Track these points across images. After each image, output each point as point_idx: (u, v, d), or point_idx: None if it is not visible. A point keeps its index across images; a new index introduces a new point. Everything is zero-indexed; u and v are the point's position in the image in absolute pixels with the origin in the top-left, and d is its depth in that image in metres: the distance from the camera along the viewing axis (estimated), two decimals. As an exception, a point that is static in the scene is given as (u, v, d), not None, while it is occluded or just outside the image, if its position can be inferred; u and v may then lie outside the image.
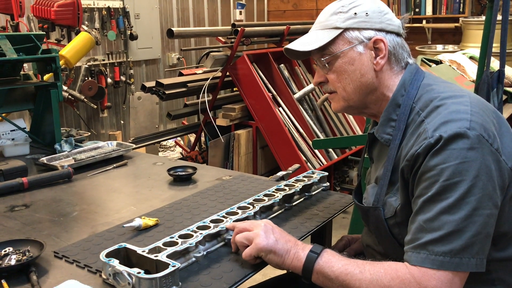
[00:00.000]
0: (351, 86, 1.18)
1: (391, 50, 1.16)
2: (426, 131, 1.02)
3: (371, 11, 1.15)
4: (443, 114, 1.03)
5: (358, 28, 1.15)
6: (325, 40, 1.16)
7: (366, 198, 1.25)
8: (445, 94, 1.09)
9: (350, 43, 1.16)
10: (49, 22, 3.32)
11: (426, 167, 1.00)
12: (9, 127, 2.20)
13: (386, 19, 1.16)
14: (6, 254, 1.16)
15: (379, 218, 1.15)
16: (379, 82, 1.17)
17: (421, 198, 1.00)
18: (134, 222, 1.31)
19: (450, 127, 0.99)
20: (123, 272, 1.01)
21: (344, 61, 1.17)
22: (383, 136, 1.17)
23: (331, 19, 1.17)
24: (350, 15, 1.15)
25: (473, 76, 3.45)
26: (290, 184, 1.55)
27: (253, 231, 1.14)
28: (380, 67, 1.16)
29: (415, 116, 1.11)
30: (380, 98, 1.19)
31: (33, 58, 2.13)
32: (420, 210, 1.00)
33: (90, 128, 4.47)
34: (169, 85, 3.50)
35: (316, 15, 6.36)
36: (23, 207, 1.52)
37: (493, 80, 2.07)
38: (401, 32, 1.19)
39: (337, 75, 1.19)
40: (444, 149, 0.98)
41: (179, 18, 5.35)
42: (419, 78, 1.17)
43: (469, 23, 4.73)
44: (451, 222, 0.95)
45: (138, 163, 2.00)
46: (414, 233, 1.00)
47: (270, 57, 3.84)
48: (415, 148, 1.03)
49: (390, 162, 1.13)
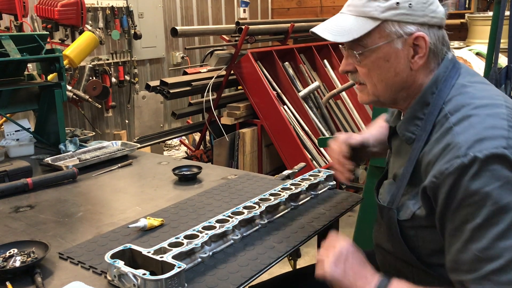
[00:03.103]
0: (383, 83, 1.09)
1: (432, 47, 1.05)
2: (458, 147, 0.94)
3: (415, 2, 1.02)
4: (477, 129, 0.94)
5: (399, 22, 1.03)
6: (360, 32, 1.04)
7: (382, 194, 1.20)
8: (479, 102, 1.00)
9: (387, 37, 1.04)
10: (52, 22, 3.31)
11: (467, 192, 0.91)
12: (14, 127, 2.19)
13: (430, 11, 1.04)
14: (11, 255, 1.15)
15: (392, 219, 1.11)
16: (413, 80, 1.08)
17: (468, 225, 0.92)
18: (139, 223, 1.30)
19: (485, 146, 0.91)
20: (128, 274, 1.00)
21: (379, 56, 1.06)
22: (405, 134, 1.10)
23: (369, 6, 1.04)
24: (392, 4, 1.02)
25: (479, 72, 3.42)
26: (296, 183, 1.53)
27: (331, 251, 1.09)
28: (418, 66, 1.06)
29: (442, 119, 1.02)
30: (411, 95, 1.10)
31: (37, 58, 2.12)
32: (471, 239, 0.92)
33: (95, 127, 4.47)
34: (173, 84, 3.49)
35: (320, 12, 6.36)
36: (28, 208, 1.52)
37: (501, 77, 2.04)
38: (443, 24, 1.08)
39: (368, 69, 1.09)
40: (483, 171, 0.90)
41: (183, 17, 5.34)
42: (454, 75, 1.07)
43: (475, 19, 4.69)
44: (509, 248, 0.89)
45: (143, 163, 1.99)
46: (471, 264, 0.93)
47: (275, 55, 3.82)
48: (444, 165, 0.95)
49: (411, 163, 1.06)
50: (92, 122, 4.47)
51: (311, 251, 3.04)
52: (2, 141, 2.14)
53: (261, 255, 1.18)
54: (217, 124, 3.66)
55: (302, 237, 1.28)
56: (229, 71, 3.70)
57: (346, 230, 3.21)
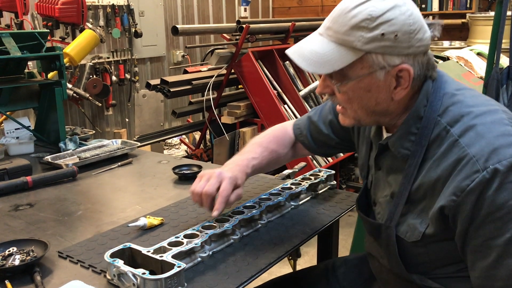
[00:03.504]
0: (363, 110, 1.05)
1: (416, 77, 1.00)
2: (474, 161, 0.90)
3: (401, 32, 0.94)
4: (487, 139, 0.91)
5: (383, 54, 0.96)
6: (341, 64, 0.98)
7: (380, 213, 1.16)
8: (477, 110, 0.97)
9: (370, 68, 0.98)
10: (53, 19, 3.31)
11: (492, 207, 0.88)
12: (14, 125, 2.19)
13: (416, 40, 0.96)
14: (10, 254, 1.15)
15: (391, 238, 1.08)
16: (396, 106, 1.04)
17: (497, 240, 0.90)
18: (139, 222, 1.30)
19: (503, 155, 0.89)
20: (128, 273, 1.00)
21: (360, 87, 1.00)
22: (400, 151, 1.05)
23: (351, 35, 0.95)
24: (376, 35, 0.94)
25: (480, 72, 3.42)
26: (296, 183, 1.53)
27: None
28: (400, 97, 1.01)
29: (442, 132, 0.98)
30: (395, 117, 1.07)
31: (38, 56, 2.12)
32: (504, 254, 0.90)
33: (95, 126, 4.46)
34: (174, 82, 3.49)
35: (321, 12, 6.33)
36: (27, 206, 1.52)
37: (502, 77, 2.04)
38: (428, 48, 1.01)
39: (348, 97, 1.04)
40: (506, 182, 0.87)
41: (184, 15, 5.34)
42: (441, 85, 1.03)
43: (476, 19, 4.69)
44: None
45: (143, 162, 1.99)
46: (507, 279, 0.91)
47: (275, 54, 3.82)
48: (463, 181, 0.91)
49: (409, 181, 1.03)
50: (92, 120, 4.46)
51: (311, 251, 3.04)
52: (2, 139, 2.13)
53: (261, 254, 1.18)
54: (217, 123, 3.66)
55: (302, 237, 1.27)
56: (229, 70, 3.70)
57: (346, 230, 3.21)
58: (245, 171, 1.32)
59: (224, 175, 1.25)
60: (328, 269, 1.47)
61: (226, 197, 1.23)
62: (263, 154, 1.39)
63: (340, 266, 1.46)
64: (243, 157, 1.36)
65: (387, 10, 0.94)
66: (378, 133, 1.17)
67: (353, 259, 1.47)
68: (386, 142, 1.10)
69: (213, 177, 1.25)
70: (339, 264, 1.47)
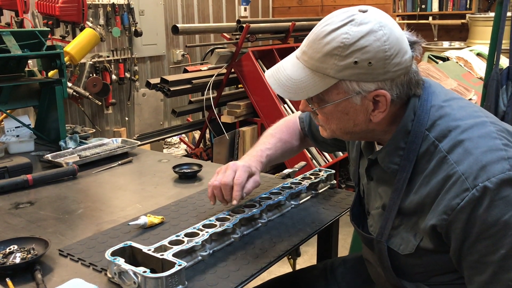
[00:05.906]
0: (341, 131, 1.06)
1: (394, 99, 0.98)
2: (463, 179, 0.90)
3: (376, 59, 0.92)
4: (475, 155, 0.91)
5: (357, 81, 0.95)
6: (316, 90, 0.98)
7: (373, 225, 1.17)
8: (464, 124, 0.96)
9: (346, 94, 0.97)
10: (53, 18, 3.31)
11: (485, 225, 0.88)
12: (14, 123, 2.19)
13: (393, 65, 0.94)
14: (11, 252, 1.15)
15: (383, 252, 1.08)
16: (376, 126, 1.03)
17: (492, 256, 0.90)
18: (140, 220, 1.30)
19: (492, 172, 0.88)
20: (128, 271, 1.00)
21: (338, 110, 1.01)
22: (390, 166, 1.04)
23: (325, 62, 0.95)
24: (349, 63, 0.93)
25: (480, 73, 3.42)
26: (296, 182, 1.53)
27: None
28: (378, 119, 1.00)
29: (431, 146, 0.98)
30: (380, 133, 1.06)
31: (38, 54, 2.12)
32: (501, 270, 0.90)
33: (95, 125, 4.46)
34: (174, 81, 3.49)
35: (321, 11, 6.33)
36: (28, 204, 1.52)
37: (502, 77, 2.04)
38: (409, 68, 0.98)
39: (327, 118, 1.04)
40: (496, 200, 0.87)
41: (184, 15, 5.34)
42: (427, 97, 1.02)
43: (476, 19, 4.69)
44: None
45: (143, 160, 1.99)
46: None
47: (275, 53, 3.82)
48: (453, 200, 0.91)
49: (398, 195, 1.02)
50: (92, 119, 4.46)
51: (310, 250, 3.04)
52: (2, 137, 2.14)
53: (261, 253, 1.18)
54: (217, 122, 3.66)
55: (302, 236, 1.28)
56: (229, 69, 3.70)
57: (346, 229, 3.21)
58: (260, 160, 1.37)
59: (238, 164, 1.31)
60: (327, 269, 1.48)
61: (241, 184, 1.27)
62: (277, 145, 1.45)
63: (339, 266, 1.47)
64: (257, 149, 1.42)
65: (361, 37, 0.92)
66: (368, 144, 1.16)
67: (352, 260, 1.48)
68: (376, 157, 1.09)
69: (228, 168, 1.31)
70: (338, 264, 1.48)
